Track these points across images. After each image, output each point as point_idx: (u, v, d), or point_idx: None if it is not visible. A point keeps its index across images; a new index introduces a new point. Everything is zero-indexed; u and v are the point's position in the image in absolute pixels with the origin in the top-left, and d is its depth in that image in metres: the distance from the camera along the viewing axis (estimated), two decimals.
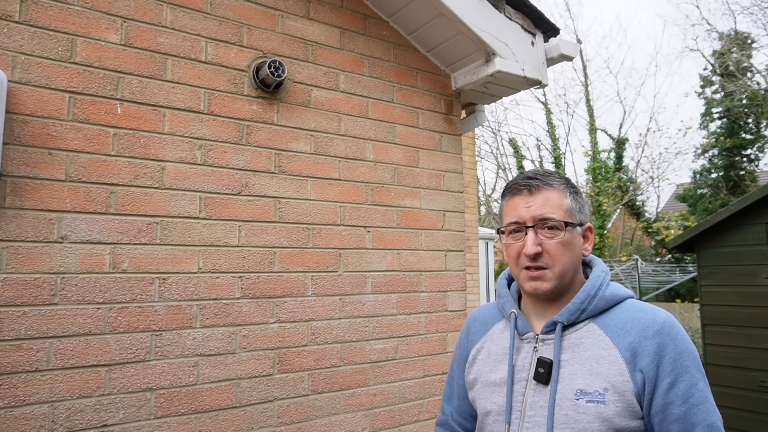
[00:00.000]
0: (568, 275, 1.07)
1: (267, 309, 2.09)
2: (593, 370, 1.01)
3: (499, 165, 19.79)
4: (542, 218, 1.06)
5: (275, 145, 2.18)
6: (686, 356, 0.99)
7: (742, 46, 16.81)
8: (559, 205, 1.08)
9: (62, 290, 1.70)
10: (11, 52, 1.69)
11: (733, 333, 4.31)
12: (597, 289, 1.07)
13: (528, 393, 1.07)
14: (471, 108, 2.95)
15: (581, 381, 1.01)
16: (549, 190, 1.09)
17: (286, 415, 2.08)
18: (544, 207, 1.07)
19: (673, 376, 0.97)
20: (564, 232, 1.06)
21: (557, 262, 1.06)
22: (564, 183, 1.12)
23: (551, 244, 1.06)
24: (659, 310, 1.05)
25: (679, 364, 0.98)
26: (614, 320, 1.05)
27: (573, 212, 1.09)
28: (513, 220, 1.09)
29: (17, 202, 1.66)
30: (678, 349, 0.99)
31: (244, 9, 2.16)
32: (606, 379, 0.99)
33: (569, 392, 1.01)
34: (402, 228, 2.50)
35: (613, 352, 1.01)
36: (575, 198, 1.11)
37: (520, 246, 1.07)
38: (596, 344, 1.03)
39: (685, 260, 13.47)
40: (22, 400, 1.61)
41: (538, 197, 1.08)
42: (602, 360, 1.01)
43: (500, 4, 2.47)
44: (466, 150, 6.26)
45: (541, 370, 1.06)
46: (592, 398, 0.99)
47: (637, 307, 1.06)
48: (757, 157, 16.21)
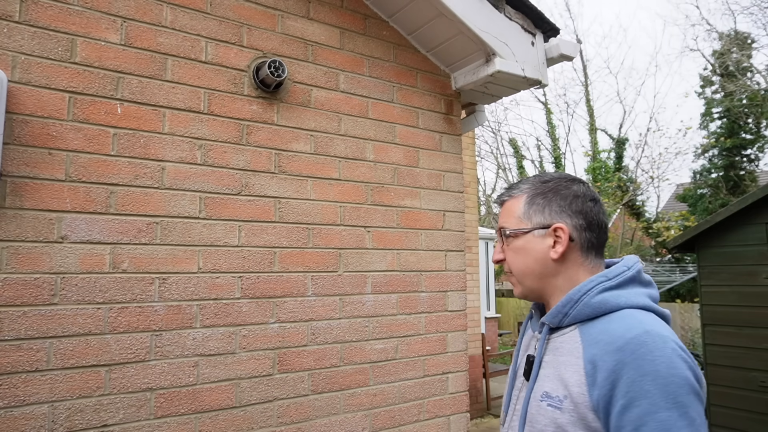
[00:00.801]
0: (529, 279, 1.11)
1: (267, 309, 2.09)
2: (560, 376, 1.01)
3: (499, 165, 19.79)
4: (500, 228, 1.15)
5: (275, 145, 2.18)
6: (650, 379, 0.86)
7: (742, 46, 16.81)
8: (512, 212, 1.13)
9: (62, 290, 1.70)
10: (11, 52, 1.69)
11: (733, 333, 4.30)
12: (582, 295, 1.02)
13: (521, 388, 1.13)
14: (471, 108, 2.95)
15: (549, 384, 1.03)
16: (510, 200, 1.15)
17: (286, 415, 2.08)
18: (503, 217, 1.15)
19: (627, 398, 0.87)
20: (515, 239, 1.11)
21: (514, 268, 1.13)
22: (528, 188, 1.13)
23: (507, 251, 1.14)
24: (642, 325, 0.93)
25: (637, 386, 0.87)
26: (594, 329, 0.99)
27: (527, 217, 1.11)
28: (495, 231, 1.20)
29: (17, 202, 1.66)
30: (641, 370, 0.88)
31: (244, 9, 2.16)
32: (566, 386, 0.98)
33: (538, 392, 1.04)
34: (402, 228, 2.50)
35: (579, 361, 0.98)
36: (533, 201, 1.11)
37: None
38: (570, 350, 1.02)
39: (685, 260, 13.46)
40: (22, 400, 1.61)
41: (503, 209, 1.16)
42: (569, 366, 1.00)
43: (500, 4, 2.47)
44: (466, 150, 6.26)
45: (526, 368, 1.12)
46: (552, 402, 1.00)
47: (622, 319, 0.97)
48: (757, 157, 16.21)
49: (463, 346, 2.64)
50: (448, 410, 2.54)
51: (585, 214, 1.08)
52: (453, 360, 2.59)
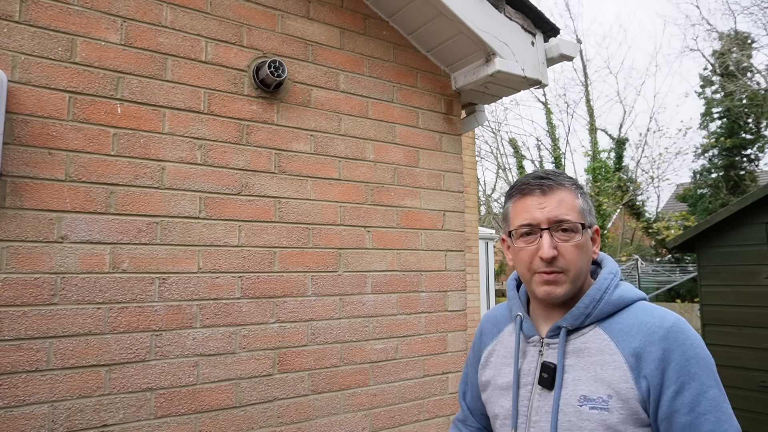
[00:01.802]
0: (580, 279, 1.04)
1: (267, 309, 2.09)
2: (597, 376, 0.98)
3: (499, 165, 19.79)
4: (558, 220, 1.01)
5: (275, 145, 2.18)
6: (694, 362, 0.93)
7: (742, 46, 16.81)
8: (572, 206, 1.03)
9: (62, 290, 1.70)
10: (11, 52, 1.69)
11: (733, 333, 4.30)
12: (603, 293, 1.03)
13: (533, 398, 1.05)
14: (471, 108, 2.95)
15: (585, 387, 0.98)
16: (562, 191, 1.04)
17: (286, 415, 2.08)
18: (559, 208, 1.02)
19: (679, 383, 0.92)
20: (580, 234, 1.02)
21: (573, 266, 1.01)
22: (574, 184, 1.07)
23: (567, 246, 1.01)
24: (669, 313, 1.00)
25: (685, 370, 0.93)
26: (620, 324, 1.00)
27: (585, 214, 1.05)
28: (525, 222, 1.03)
29: (17, 202, 1.66)
30: (685, 354, 0.94)
31: (244, 9, 2.16)
32: (610, 385, 0.96)
33: (573, 398, 0.99)
34: (402, 228, 2.50)
35: (617, 357, 0.97)
36: (585, 199, 1.07)
37: (534, 250, 1.02)
38: (600, 349, 1.00)
39: (685, 260, 13.47)
40: (22, 400, 1.61)
41: (551, 198, 1.03)
42: (606, 366, 0.98)
43: (500, 4, 2.47)
44: (466, 150, 6.26)
45: (545, 375, 1.04)
46: (596, 405, 0.96)
47: (645, 310, 1.01)
48: (757, 157, 16.21)
49: (463, 346, 2.64)
50: (448, 410, 2.54)
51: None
52: (453, 360, 2.59)
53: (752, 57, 17.05)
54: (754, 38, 18.92)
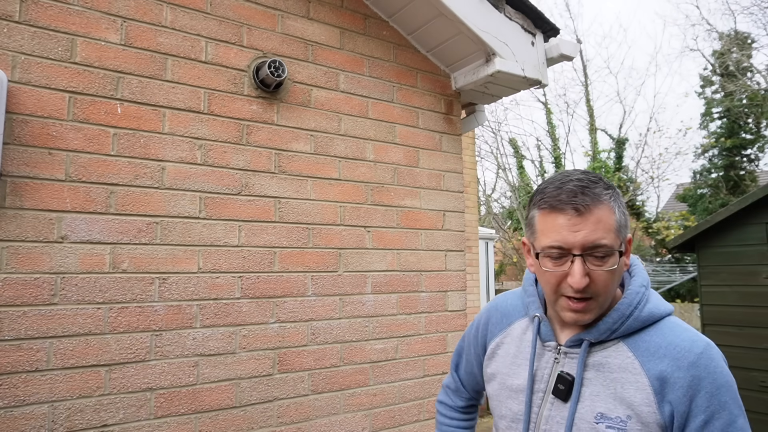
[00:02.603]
0: (609, 300, 0.97)
1: (267, 309, 2.09)
2: (617, 395, 0.93)
3: (499, 165, 19.78)
4: (593, 245, 0.91)
5: (275, 145, 2.18)
6: (725, 391, 0.89)
7: (742, 46, 16.82)
8: (609, 226, 0.92)
9: (62, 290, 1.70)
10: (11, 52, 1.69)
11: (733, 333, 4.30)
12: (633, 309, 0.96)
13: (544, 406, 1.01)
14: (471, 108, 2.95)
15: (603, 404, 0.94)
16: (599, 208, 0.92)
17: (286, 415, 2.08)
18: (596, 232, 0.91)
19: (708, 412, 0.88)
20: (615, 258, 0.92)
21: (604, 291, 0.93)
22: (611, 193, 0.95)
23: (601, 273, 0.92)
24: (699, 336, 0.95)
25: (716, 399, 0.89)
26: (646, 343, 0.95)
27: (621, 230, 0.94)
28: (556, 245, 0.93)
29: (17, 202, 1.66)
30: (716, 383, 0.89)
31: (244, 9, 2.16)
32: (630, 406, 0.91)
33: (589, 414, 0.94)
34: (402, 228, 2.50)
35: (641, 378, 0.92)
36: (621, 210, 0.95)
37: (563, 275, 0.94)
38: (623, 367, 0.94)
39: (685, 260, 13.47)
40: (22, 400, 1.61)
41: (588, 219, 0.91)
42: (628, 385, 0.93)
43: (500, 4, 2.47)
44: (466, 150, 6.26)
45: (561, 387, 0.98)
46: (613, 424, 0.92)
47: (675, 330, 0.95)
48: (757, 157, 16.22)
49: None
50: None
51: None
52: None
53: (752, 57, 17.06)
54: (754, 38, 18.93)
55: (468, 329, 1.30)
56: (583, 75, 21.97)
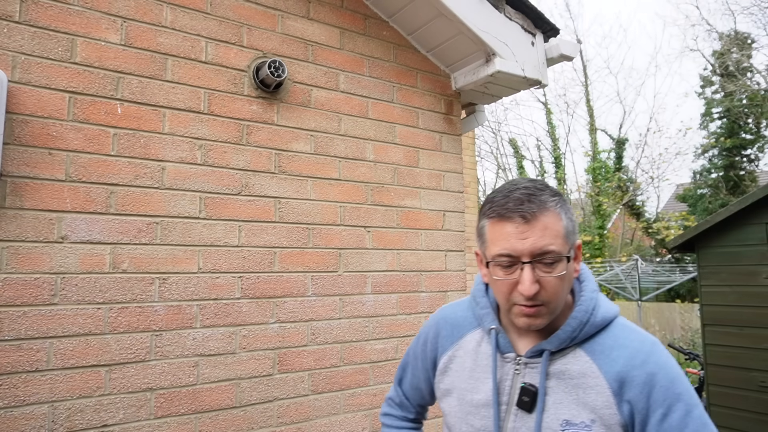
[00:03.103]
0: (561, 306, 0.98)
1: (267, 309, 2.09)
2: (579, 400, 0.95)
3: (499, 165, 19.79)
4: (541, 252, 0.92)
5: (275, 145, 2.18)
6: (678, 383, 0.93)
7: (742, 46, 16.82)
8: (557, 232, 0.93)
9: (62, 290, 1.70)
10: (11, 52, 1.69)
11: (733, 333, 4.30)
12: (589, 315, 0.99)
13: (508, 419, 1.01)
14: (471, 108, 2.95)
15: (567, 411, 0.96)
16: (546, 215, 0.93)
17: (286, 415, 2.08)
18: (543, 238, 0.92)
19: (666, 405, 0.91)
20: (564, 264, 0.93)
21: (554, 298, 0.94)
22: (557, 200, 0.96)
23: (550, 280, 0.93)
24: (645, 334, 1.00)
25: (671, 392, 0.92)
26: (601, 346, 0.98)
27: (569, 236, 0.95)
28: (504, 253, 0.93)
29: (17, 202, 1.66)
30: (669, 376, 0.93)
31: (244, 9, 2.16)
32: (593, 410, 0.94)
33: (554, 422, 0.96)
34: (402, 228, 2.50)
35: (600, 381, 0.95)
36: (569, 216, 0.97)
37: (513, 282, 0.94)
38: (583, 372, 0.97)
39: (685, 260, 13.46)
40: (22, 400, 1.61)
41: (535, 226, 0.92)
42: (589, 390, 0.95)
43: (500, 4, 2.48)
44: (466, 150, 6.26)
45: (525, 399, 0.99)
46: (578, 429, 0.94)
47: (624, 331, 0.99)
48: (757, 157, 16.22)
49: None
50: None
51: None
52: None
53: (752, 57, 17.05)
54: (754, 38, 18.92)
55: (414, 343, 1.26)
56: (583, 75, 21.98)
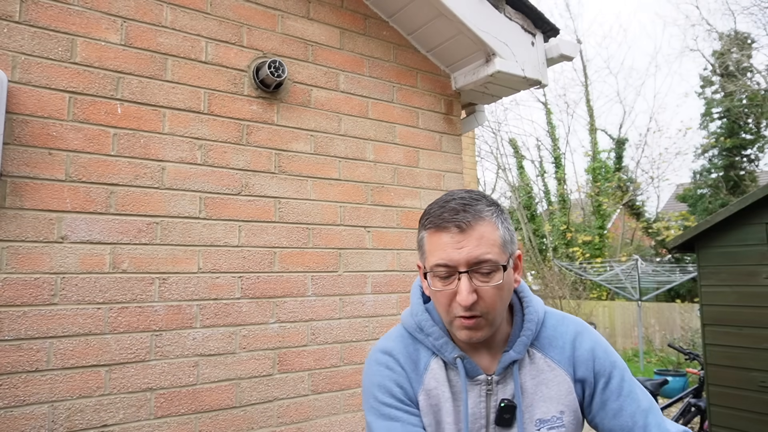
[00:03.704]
0: (501, 317, 0.97)
1: (267, 309, 2.09)
2: (545, 396, 0.99)
3: (499, 165, 19.78)
4: (477, 261, 0.90)
5: (275, 145, 2.18)
6: (610, 351, 1.02)
7: (742, 46, 16.82)
8: (493, 241, 0.92)
9: (62, 290, 1.70)
10: (11, 52, 1.69)
11: (733, 333, 4.31)
12: (542, 315, 1.05)
13: None
14: (471, 108, 2.95)
15: (538, 410, 0.98)
16: (481, 224, 0.92)
17: (286, 415, 2.08)
18: (479, 247, 0.90)
19: (606, 373, 1.00)
20: (501, 273, 0.92)
21: (493, 308, 0.92)
22: (493, 210, 0.95)
23: (487, 290, 0.91)
24: (570, 316, 1.07)
25: (608, 361, 1.01)
26: (546, 339, 1.03)
27: (506, 245, 0.94)
28: (442, 262, 0.92)
29: (17, 202, 1.66)
30: (602, 346, 1.02)
31: (244, 9, 2.16)
32: (559, 401, 0.98)
33: (530, 425, 0.97)
34: (402, 228, 2.50)
35: (558, 372, 1.00)
36: (506, 226, 0.96)
37: (452, 293, 0.92)
38: (541, 369, 1.01)
39: (685, 260, 13.46)
40: (22, 400, 1.61)
41: (470, 235, 0.91)
42: (551, 383, 0.99)
43: (500, 5, 2.47)
44: (466, 150, 6.26)
45: (506, 416, 0.97)
46: (552, 424, 0.97)
47: (553, 319, 1.06)
48: (757, 157, 16.21)
49: None
50: None
51: None
52: None
53: (752, 57, 17.05)
54: (754, 38, 18.92)
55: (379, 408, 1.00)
56: (583, 75, 21.97)
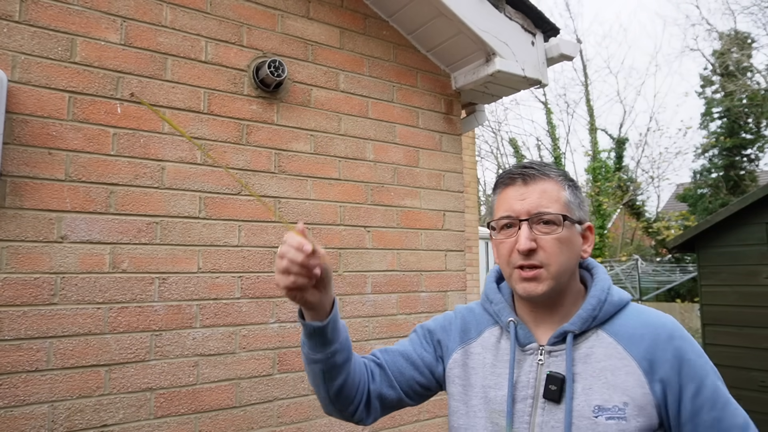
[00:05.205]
0: (564, 276, 0.96)
1: (267, 309, 2.09)
2: (609, 383, 0.91)
3: (499, 165, 19.79)
4: (538, 211, 0.95)
5: (275, 144, 2.18)
6: (704, 357, 0.93)
7: (742, 45, 16.82)
8: (556, 197, 0.97)
9: (62, 290, 1.70)
10: (11, 52, 1.69)
11: (733, 333, 4.30)
12: (607, 294, 0.98)
13: (536, 413, 0.95)
14: (471, 108, 2.95)
15: (598, 396, 0.91)
16: (546, 181, 0.98)
17: (286, 415, 2.08)
18: (541, 199, 0.96)
19: (698, 380, 0.90)
20: (562, 227, 0.94)
21: (554, 261, 0.94)
22: (562, 175, 1.01)
23: (547, 239, 0.94)
24: (661, 314, 0.98)
25: (700, 367, 0.91)
26: (623, 326, 0.95)
27: (572, 207, 0.98)
28: (505, 214, 0.97)
29: (17, 202, 1.66)
30: (695, 351, 0.92)
31: (244, 9, 2.16)
32: (624, 391, 0.90)
33: (586, 409, 0.91)
34: (402, 228, 2.50)
35: (628, 362, 0.92)
36: (574, 192, 1.00)
37: (513, 242, 0.96)
38: (609, 354, 0.93)
39: (685, 260, 13.46)
40: (22, 400, 1.61)
41: (533, 188, 0.97)
42: (617, 371, 0.91)
43: (500, 4, 2.47)
44: (466, 150, 6.25)
45: (552, 387, 0.94)
46: (612, 414, 0.89)
47: (642, 311, 0.99)
48: (757, 157, 16.22)
49: None
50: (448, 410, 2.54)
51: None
52: None
53: (752, 57, 17.05)
54: (754, 38, 18.91)
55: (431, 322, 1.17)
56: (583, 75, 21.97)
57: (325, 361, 0.99)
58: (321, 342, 0.97)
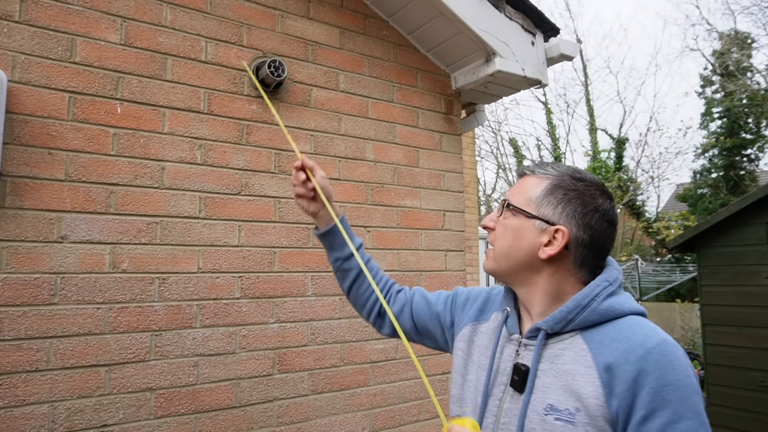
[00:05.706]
0: (506, 263, 1.03)
1: (267, 309, 2.09)
2: (567, 386, 0.92)
3: (499, 165, 19.79)
4: (504, 198, 1.07)
5: (275, 144, 2.18)
6: (672, 390, 0.84)
7: (742, 45, 16.82)
8: (525, 191, 1.04)
9: (62, 290, 1.70)
10: (11, 52, 1.69)
11: (733, 333, 4.31)
12: (590, 300, 0.96)
13: (505, 399, 1.01)
14: (471, 108, 2.95)
15: (553, 396, 0.93)
16: (531, 178, 1.05)
17: (286, 415, 2.08)
18: (514, 190, 1.07)
19: (649, 408, 0.84)
20: (514, 218, 1.03)
21: (497, 243, 1.05)
22: (556, 176, 1.02)
23: (499, 224, 1.06)
24: (658, 333, 0.92)
25: (659, 396, 0.84)
26: (602, 336, 0.93)
27: (537, 204, 1.01)
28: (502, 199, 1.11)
29: (17, 202, 1.66)
30: (663, 380, 0.85)
31: (244, 9, 2.16)
32: (579, 398, 0.89)
33: (539, 406, 0.93)
34: (402, 228, 2.50)
35: (591, 371, 0.90)
36: (554, 194, 1.00)
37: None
38: (576, 358, 0.93)
39: (685, 260, 13.46)
40: (22, 400, 1.61)
41: (520, 182, 1.08)
42: (578, 377, 0.91)
43: (500, 4, 2.47)
44: (466, 150, 6.25)
45: (515, 378, 0.99)
46: (561, 416, 0.90)
47: (633, 325, 0.93)
48: (757, 157, 16.21)
49: None
50: (448, 410, 2.54)
51: (593, 233, 0.99)
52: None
53: (752, 57, 17.05)
54: (754, 38, 18.92)
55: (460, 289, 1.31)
56: (583, 75, 21.97)
57: (334, 263, 1.33)
58: (327, 246, 1.32)
